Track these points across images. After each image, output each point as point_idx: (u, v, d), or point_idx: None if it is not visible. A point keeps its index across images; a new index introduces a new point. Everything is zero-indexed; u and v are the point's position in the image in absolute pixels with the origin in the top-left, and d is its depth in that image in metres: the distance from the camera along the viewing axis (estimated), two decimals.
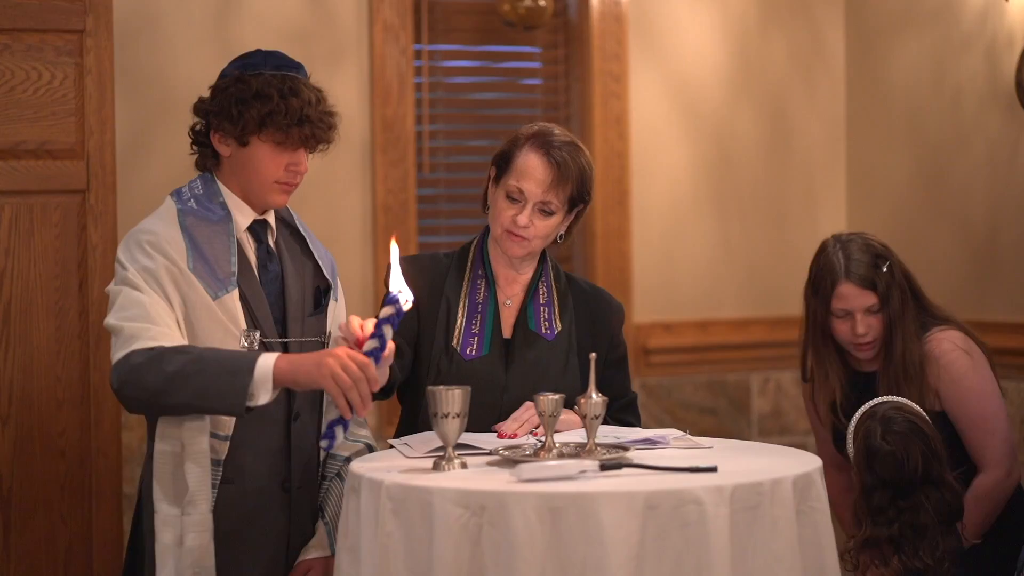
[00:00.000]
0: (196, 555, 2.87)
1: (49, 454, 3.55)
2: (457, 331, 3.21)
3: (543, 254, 3.31)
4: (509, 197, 3.18)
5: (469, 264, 3.29)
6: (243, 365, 2.81)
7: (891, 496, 3.24)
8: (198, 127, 3.11)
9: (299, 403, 3.05)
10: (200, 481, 2.88)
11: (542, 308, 3.26)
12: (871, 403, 3.36)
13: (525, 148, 3.18)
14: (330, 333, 3.13)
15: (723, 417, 5.22)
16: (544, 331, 3.24)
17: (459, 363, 3.16)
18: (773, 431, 5.25)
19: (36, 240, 3.54)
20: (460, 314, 3.22)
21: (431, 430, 2.89)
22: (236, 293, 2.98)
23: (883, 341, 3.49)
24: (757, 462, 2.82)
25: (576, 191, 3.19)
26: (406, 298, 2.77)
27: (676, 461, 2.74)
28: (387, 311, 2.78)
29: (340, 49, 4.70)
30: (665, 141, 5.16)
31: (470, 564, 2.54)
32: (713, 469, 2.65)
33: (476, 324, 3.22)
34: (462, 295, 3.24)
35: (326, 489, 3.15)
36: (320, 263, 3.17)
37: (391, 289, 2.80)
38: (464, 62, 5.02)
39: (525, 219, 3.16)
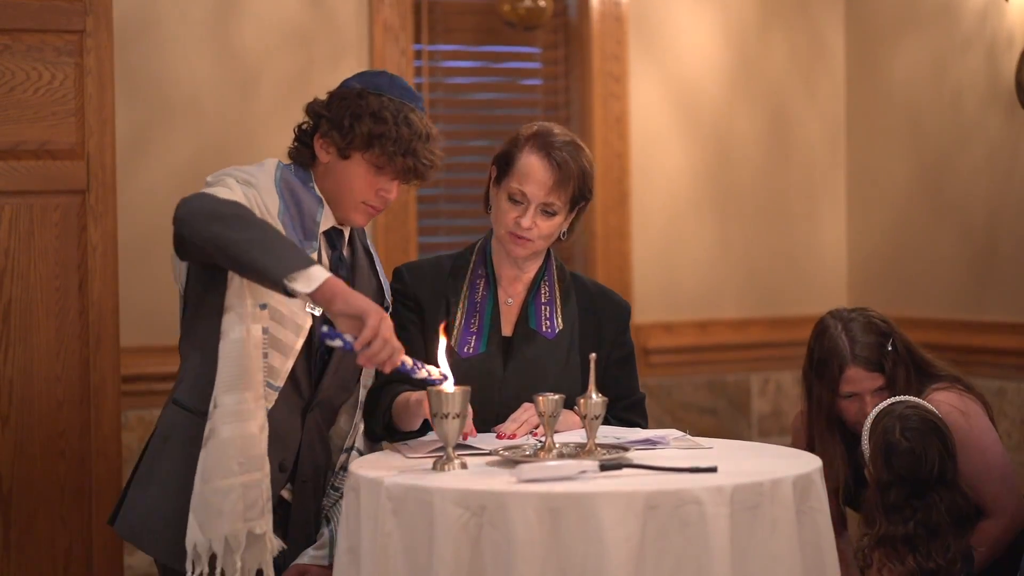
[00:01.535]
0: (240, 444, 2.83)
1: (49, 455, 3.55)
2: (455, 330, 3.21)
3: (547, 253, 3.31)
4: (511, 199, 3.18)
5: (471, 265, 3.29)
6: (305, 255, 2.78)
7: (906, 494, 3.26)
8: (305, 126, 3.11)
9: (321, 396, 3.06)
10: (239, 361, 2.83)
11: (543, 307, 3.27)
12: (887, 402, 3.37)
13: (526, 149, 3.18)
14: None
15: (723, 417, 5.22)
16: (544, 329, 3.24)
17: (456, 361, 3.16)
18: (773, 431, 5.26)
19: (36, 240, 3.54)
20: (459, 314, 3.23)
21: (431, 430, 2.90)
22: (315, 255, 2.98)
23: None
24: (757, 463, 2.82)
25: (578, 190, 3.20)
26: (448, 387, 2.76)
27: (676, 461, 2.74)
28: (432, 368, 2.80)
29: (340, 50, 4.70)
30: (665, 142, 5.16)
31: (470, 564, 2.54)
32: (713, 469, 2.65)
33: (475, 323, 3.23)
34: (462, 295, 3.25)
35: (335, 500, 3.15)
36: (383, 284, 3.19)
37: (441, 365, 2.82)
38: (464, 62, 5.02)
39: (528, 221, 3.17)
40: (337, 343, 2.70)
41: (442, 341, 2.88)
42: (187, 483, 2.90)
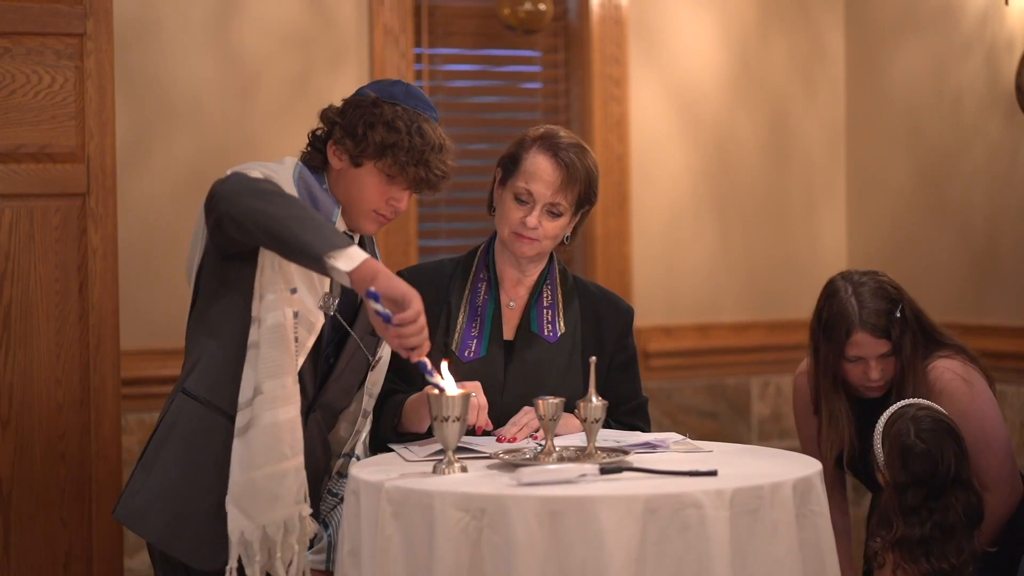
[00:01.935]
0: (289, 428, 2.84)
1: (49, 457, 3.55)
2: (457, 334, 3.21)
3: (551, 256, 3.32)
4: (517, 199, 3.19)
5: (473, 268, 3.30)
6: (344, 235, 2.78)
7: (924, 495, 3.27)
8: (319, 132, 3.12)
9: (323, 398, 3.07)
10: (279, 345, 2.84)
11: (545, 311, 3.27)
12: (897, 405, 3.37)
13: (533, 150, 3.20)
14: (381, 358, 3.15)
15: (723, 421, 5.22)
16: (546, 333, 3.24)
17: (457, 365, 3.16)
18: (773, 435, 5.25)
19: (36, 243, 3.54)
20: (460, 317, 3.23)
21: (431, 434, 2.90)
22: None
23: (895, 383, 3.50)
24: (757, 466, 2.83)
25: (584, 192, 3.20)
26: (449, 391, 2.77)
27: (676, 465, 2.74)
28: (437, 377, 2.78)
29: (340, 53, 4.70)
30: (665, 144, 5.16)
31: (470, 567, 2.54)
32: (713, 473, 2.65)
33: (476, 327, 3.23)
34: (464, 299, 3.25)
35: (333, 505, 3.15)
36: None
37: (446, 378, 2.80)
38: (464, 66, 5.02)
39: (534, 220, 3.17)
40: (378, 307, 2.67)
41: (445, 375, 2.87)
42: (191, 470, 2.91)
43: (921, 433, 3.29)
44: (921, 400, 3.39)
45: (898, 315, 3.46)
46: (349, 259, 2.68)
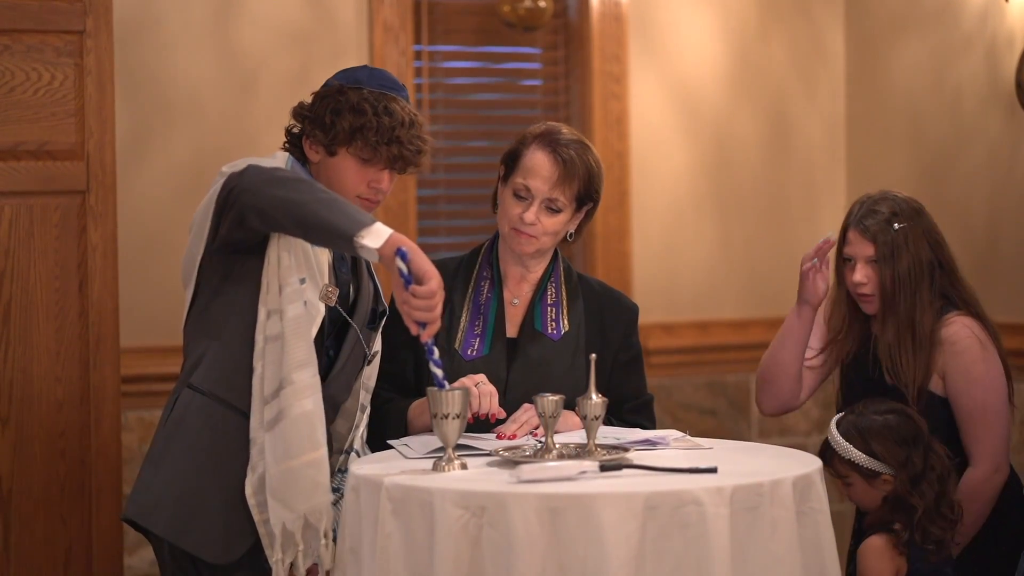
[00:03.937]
0: (319, 416, 2.87)
1: (49, 455, 3.55)
2: (460, 332, 3.21)
3: (555, 253, 3.32)
4: (516, 195, 3.20)
5: (476, 266, 3.30)
6: (366, 213, 2.80)
7: (924, 452, 3.23)
8: (294, 129, 3.13)
9: (326, 392, 3.06)
10: (305, 335, 2.86)
11: (549, 308, 3.27)
12: (835, 425, 3.32)
13: (533, 146, 3.20)
14: (377, 352, 3.15)
15: (723, 418, 5.22)
16: (550, 331, 3.25)
17: (459, 363, 3.17)
18: (773, 432, 5.25)
19: (36, 241, 3.54)
20: (463, 315, 3.23)
21: (431, 431, 2.90)
22: (320, 251, 3.00)
23: (885, 298, 3.46)
24: (757, 463, 2.83)
25: (583, 189, 3.20)
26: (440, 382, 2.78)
27: (676, 462, 2.74)
28: (437, 369, 2.78)
29: (340, 50, 4.70)
30: (665, 142, 5.16)
31: (470, 565, 2.54)
32: (713, 470, 2.66)
33: (479, 325, 3.23)
34: (467, 297, 3.25)
35: (333, 502, 3.15)
36: (379, 289, 3.19)
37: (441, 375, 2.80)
38: (464, 63, 5.02)
39: (532, 216, 3.18)
40: (403, 267, 2.70)
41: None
42: (201, 464, 2.92)
43: (879, 409, 3.27)
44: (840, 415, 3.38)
45: (896, 227, 3.45)
46: (376, 236, 2.71)
